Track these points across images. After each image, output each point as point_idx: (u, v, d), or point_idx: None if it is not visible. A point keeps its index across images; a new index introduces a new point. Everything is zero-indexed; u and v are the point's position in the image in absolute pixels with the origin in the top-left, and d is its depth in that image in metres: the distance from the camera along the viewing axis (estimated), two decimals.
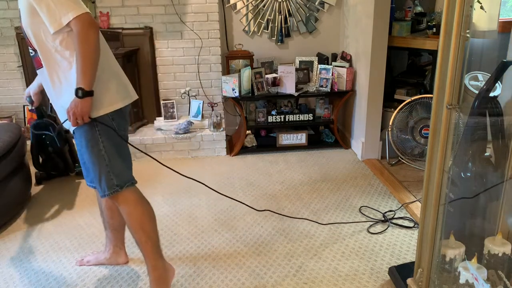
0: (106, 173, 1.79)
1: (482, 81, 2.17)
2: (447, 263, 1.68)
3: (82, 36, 1.62)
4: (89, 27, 1.63)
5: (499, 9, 1.53)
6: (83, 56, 1.63)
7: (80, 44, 1.62)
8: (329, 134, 3.94)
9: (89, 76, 1.65)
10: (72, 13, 1.60)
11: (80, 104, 1.65)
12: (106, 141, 1.77)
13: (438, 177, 1.58)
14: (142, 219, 1.89)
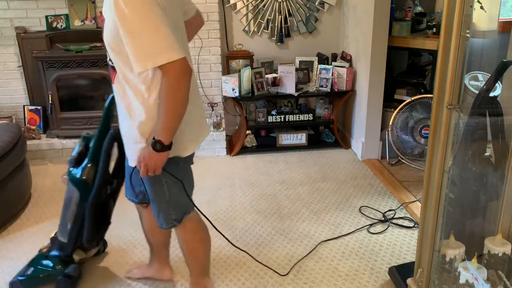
0: (165, 208, 1.71)
1: (482, 81, 2.17)
2: (447, 263, 1.68)
3: (172, 87, 1.40)
4: (182, 77, 1.40)
5: (499, 9, 1.53)
6: (169, 110, 1.44)
7: (168, 96, 1.41)
8: (329, 134, 3.94)
9: (171, 131, 1.48)
10: (166, 57, 1.35)
11: (155, 157, 1.50)
12: (169, 177, 1.64)
13: (438, 177, 1.58)
14: (197, 247, 1.87)
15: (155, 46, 1.34)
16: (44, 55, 3.49)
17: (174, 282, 2.13)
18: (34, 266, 2.09)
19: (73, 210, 2.01)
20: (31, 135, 3.60)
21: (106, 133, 1.91)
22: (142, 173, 1.54)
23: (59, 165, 3.58)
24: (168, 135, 1.47)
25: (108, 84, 3.61)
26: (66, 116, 3.64)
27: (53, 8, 3.61)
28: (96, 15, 3.63)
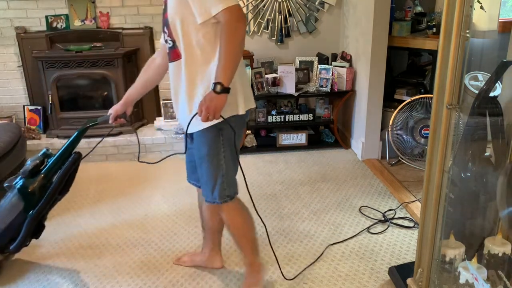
0: (221, 183, 1.78)
1: (482, 81, 2.17)
2: (447, 263, 1.68)
3: (230, 28, 1.55)
4: (238, 20, 1.56)
5: (499, 9, 1.53)
6: (227, 49, 1.57)
7: (227, 36, 1.56)
8: (329, 134, 3.94)
9: (230, 71, 1.58)
10: (222, 4, 1.54)
11: (216, 99, 1.57)
12: (227, 151, 1.74)
13: (438, 177, 1.58)
14: (243, 228, 1.94)
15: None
16: (44, 55, 3.49)
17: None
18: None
19: (10, 218, 1.97)
20: (31, 135, 3.60)
21: (69, 154, 1.97)
22: (203, 117, 1.60)
23: None
24: (227, 76, 1.57)
25: (107, 83, 3.61)
26: (66, 116, 3.64)
27: (53, 8, 3.61)
28: (96, 15, 3.63)
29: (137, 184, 3.21)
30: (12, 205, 1.97)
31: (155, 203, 2.91)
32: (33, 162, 1.96)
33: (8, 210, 1.97)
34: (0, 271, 2.19)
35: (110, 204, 2.92)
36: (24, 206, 1.96)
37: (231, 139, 1.73)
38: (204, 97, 1.61)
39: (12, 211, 1.97)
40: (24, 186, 1.95)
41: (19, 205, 1.96)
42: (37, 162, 1.97)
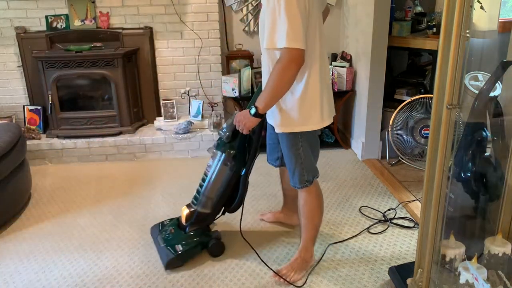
0: (300, 169, 1.98)
1: (482, 81, 2.17)
2: (447, 263, 1.68)
3: (283, 66, 1.69)
4: (292, 61, 1.68)
5: (499, 9, 1.53)
6: (274, 83, 1.74)
7: (278, 71, 1.71)
8: (329, 134, 3.94)
9: (269, 101, 1.79)
10: (287, 43, 1.64)
11: (249, 120, 1.84)
12: (304, 142, 1.94)
13: (438, 177, 1.58)
14: (315, 210, 2.10)
15: (284, 32, 1.64)
16: (44, 55, 3.49)
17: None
18: (184, 241, 2.25)
19: (227, 180, 2.21)
20: (31, 135, 3.60)
21: None
22: (237, 125, 1.92)
23: (59, 165, 3.58)
24: (265, 105, 1.79)
25: (107, 83, 3.61)
26: (66, 116, 3.64)
27: (53, 8, 3.61)
28: (96, 15, 3.63)
29: (137, 184, 3.21)
30: (220, 171, 2.20)
31: (155, 203, 2.91)
32: (230, 126, 2.12)
33: (223, 174, 2.20)
34: None
35: (110, 204, 2.92)
36: (236, 167, 2.18)
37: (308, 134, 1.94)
38: (241, 112, 1.89)
39: (227, 174, 2.20)
40: (232, 148, 2.16)
41: (228, 168, 2.18)
42: (231, 131, 2.14)
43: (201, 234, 2.31)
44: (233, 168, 2.18)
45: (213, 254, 2.30)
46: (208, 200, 2.28)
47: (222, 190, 2.25)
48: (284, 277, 2.08)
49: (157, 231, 2.42)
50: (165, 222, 2.47)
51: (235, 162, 2.18)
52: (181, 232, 2.32)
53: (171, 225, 2.40)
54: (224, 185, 2.23)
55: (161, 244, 2.30)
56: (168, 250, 2.23)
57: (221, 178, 2.22)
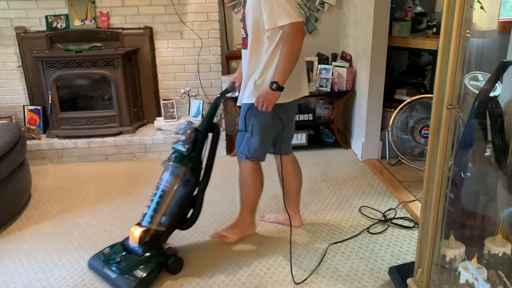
0: (245, 142, 2.23)
1: (482, 81, 2.17)
2: (447, 263, 1.68)
3: (291, 41, 1.94)
4: (298, 34, 1.95)
5: (499, 9, 1.53)
6: (286, 58, 1.96)
7: (288, 46, 1.94)
8: (329, 134, 3.94)
9: (285, 74, 1.99)
10: (289, 19, 1.91)
11: (271, 95, 2.00)
12: (256, 121, 2.16)
13: (438, 177, 1.58)
14: (247, 188, 2.34)
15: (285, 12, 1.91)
16: (44, 55, 3.49)
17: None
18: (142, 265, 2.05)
19: (180, 198, 2.14)
20: (31, 135, 3.60)
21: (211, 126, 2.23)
22: (259, 106, 2.03)
23: (59, 165, 3.58)
24: (282, 78, 1.99)
25: (107, 83, 3.61)
26: (66, 116, 3.64)
27: (53, 8, 3.61)
28: (96, 15, 3.63)
29: (137, 184, 3.21)
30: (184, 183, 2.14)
31: None
32: (189, 138, 2.13)
33: (181, 189, 2.13)
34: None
35: (110, 204, 2.92)
36: (194, 181, 2.16)
37: (265, 115, 2.12)
38: (262, 92, 2.02)
39: (185, 189, 2.14)
40: (191, 161, 2.14)
41: (190, 181, 2.15)
42: (191, 144, 2.13)
43: (158, 254, 2.12)
44: (191, 182, 2.14)
45: (174, 271, 2.16)
46: (163, 217, 2.13)
47: (179, 206, 2.14)
48: (219, 236, 2.39)
49: (100, 263, 2.12)
50: (106, 251, 2.18)
51: (193, 176, 2.14)
52: (134, 256, 2.07)
53: (116, 252, 2.13)
54: (181, 200, 2.14)
55: (114, 274, 2.03)
56: (126, 279, 1.99)
57: (179, 193, 2.13)
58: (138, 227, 2.12)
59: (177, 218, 2.18)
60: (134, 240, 2.09)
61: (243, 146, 2.24)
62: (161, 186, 2.15)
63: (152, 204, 2.14)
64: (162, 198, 2.13)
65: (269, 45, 2.05)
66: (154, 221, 2.12)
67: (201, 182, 2.21)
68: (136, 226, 2.13)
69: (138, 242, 2.08)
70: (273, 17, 1.94)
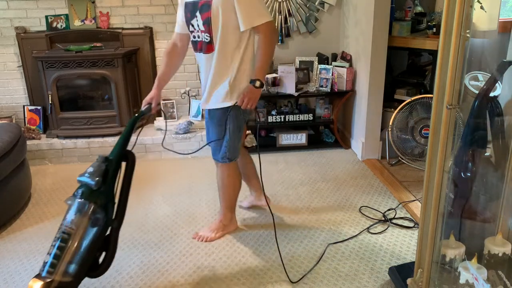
0: (224, 147, 2.26)
1: (482, 81, 2.17)
2: (447, 263, 1.68)
3: (269, 40, 2.06)
4: (273, 33, 2.08)
5: (499, 9, 1.53)
6: (265, 56, 2.07)
7: (265, 44, 2.05)
8: (329, 134, 3.94)
9: (265, 72, 2.11)
10: (264, 19, 2.02)
11: (256, 92, 2.11)
12: (231, 123, 2.20)
13: (438, 177, 1.58)
14: (229, 187, 2.42)
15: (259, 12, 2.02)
16: (44, 55, 3.49)
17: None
18: None
19: (91, 241, 1.79)
20: (31, 135, 3.60)
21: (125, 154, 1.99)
22: (244, 105, 2.11)
23: (59, 165, 3.58)
24: (263, 75, 2.10)
25: (107, 83, 3.61)
26: (66, 116, 3.64)
27: (53, 8, 3.61)
28: (96, 15, 3.63)
29: (137, 184, 3.20)
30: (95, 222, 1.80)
31: (155, 203, 2.91)
32: (98, 169, 1.84)
33: (91, 229, 1.79)
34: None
35: None
36: (106, 219, 1.83)
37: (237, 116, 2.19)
38: (246, 91, 2.11)
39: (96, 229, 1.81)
40: (102, 196, 1.82)
41: (102, 220, 1.82)
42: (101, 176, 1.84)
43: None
44: (102, 221, 1.81)
45: None
46: (69, 265, 1.75)
47: (88, 251, 1.78)
48: (202, 238, 2.45)
49: None
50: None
51: (105, 213, 1.82)
52: None
53: None
54: (91, 243, 1.79)
55: None
56: None
57: (88, 235, 1.78)
58: (37, 280, 1.71)
59: (87, 265, 1.80)
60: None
61: (223, 151, 2.27)
62: (63, 228, 1.77)
63: (53, 250, 1.74)
64: (66, 243, 1.74)
65: (239, 46, 2.09)
66: (57, 270, 1.73)
67: (114, 220, 1.88)
68: (35, 278, 1.72)
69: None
70: (248, 18, 2.02)
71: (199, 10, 2.07)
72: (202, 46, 2.14)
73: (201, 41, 2.13)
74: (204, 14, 2.05)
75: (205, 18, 2.06)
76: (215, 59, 2.11)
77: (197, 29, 2.13)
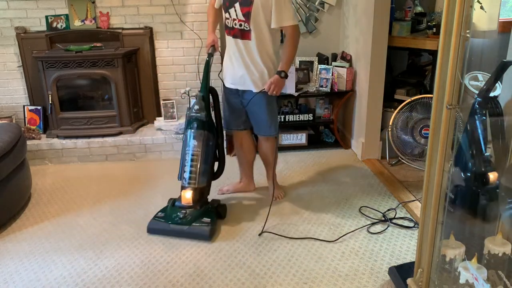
0: (275, 124, 2.72)
1: (482, 81, 2.17)
2: (447, 263, 1.68)
3: (294, 40, 2.47)
4: (298, 34, 2.50)
5: (499, 9, 1.53)
6: (290, 51, 2.48)
7: (291, 43, 2.47)
8: (329, 134, 3.94)
9: (290, 65, 2.53)
10: (292, 22, 2.43)
11: (281, 82, 2.51)
12: (275, 102, 2.69)
13: (438, 177, 1.58)
14: (273, 155, 2.84)
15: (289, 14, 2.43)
16: (44, 55, 3.49)
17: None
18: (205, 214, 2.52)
19: (210, 156, 2.59)
20: (31, 135, 3.60)
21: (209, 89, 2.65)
22: (270, 91, 2.51)
23: (59, 165, 3.58)
24: (288, 67, 2.52)
25: (107, 83, 3.61)
26: (66, 116, 3.64)
27: (53, 8, 3.61)
28: (96, 15, 3.63)
29: (137, 184, 3.21)
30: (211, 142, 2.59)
31: (155, 203, 2.91)
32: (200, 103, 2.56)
33: (210, 148, 2.58)
34: None
35: (110, 204, 2.92)
36: (216, 137, 2.65)
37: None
38: (274, 80, 2.49)
39: (212, 146, 2.60)
40: (211, 124, 2.60)
41: (215, 139, 2.63)
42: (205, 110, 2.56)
43: (210, 204, 2.62)
44: (213, 141, 2.61)
45: (223, 215, 2.65)
46: (203, 175, 2.55)
47: (210, 163, 2.61)
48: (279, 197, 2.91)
49: (161, 223, 2.51)
50: (160, 214, 2.58)
51: (213, 136, 2.60)
52: (194, 210, 2.50)
53: (174, 211, 2.52)
54: (210, 158, 2.59)
55: (185, 227, 2.43)
56: (199, 226, 2.44)
57: (209, 152, 2.57)
58: (187, 190, 2.53)
59: (211, 173, 2.65)
60: (187, 200, 2.52)
61: (273, 127, 2.71)
62: (190, 151, 2.53)
63: (188, 168, 2.53)
64: (196, 161, 2.52)
65: (270, 39, 2.51)
66: (196, 181, 2.52)
67: (218, 138, 2.69)
68: (185, 190, 2.54)
69: (193, 201, 2.51)
70: (280, 18, 2.41)
71: (239, 3, 2.42)
72: (238, 33, 2.50)
73: (237, 28, 2.49)
74: (244, 8, 2.41)
75: (246, 12, 2.42)
76: (256, 47, 2.48)
77: (233, 17, 2.47)
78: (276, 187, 2.92)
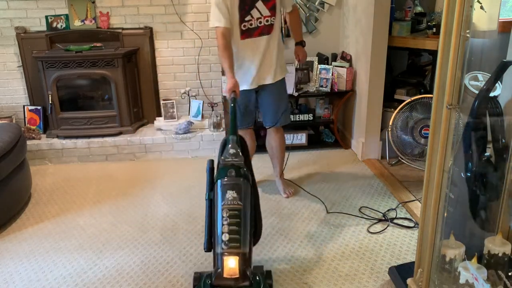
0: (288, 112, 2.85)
1: (482, 81, 2.16)
2: (447, 263, 1.68)
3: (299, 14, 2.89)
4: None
5: (499, 9, 1.53)
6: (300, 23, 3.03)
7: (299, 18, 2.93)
8: (329, 134, 3.94)
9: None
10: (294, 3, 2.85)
11: (304, 50, 2.90)
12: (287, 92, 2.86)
13: (438, 177, 1.58)
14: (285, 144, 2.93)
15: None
16: (44, 55, 3.49)
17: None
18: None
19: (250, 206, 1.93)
20: (31, 135, 3.60)
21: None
22: (302, 59, 2.89)
23: (59, 165, 3.58)
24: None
25: (107, 83, 3.61)
26: (66, 116, 3.64)
27: (53, 8, 3.61)
28: (96, 15, 3.63)
29: (137, 184, 3.21)
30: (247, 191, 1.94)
31: (155, 203, 2.91)
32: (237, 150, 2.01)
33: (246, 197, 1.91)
34: None
35: (110, 204, 2.92)
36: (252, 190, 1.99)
37: None
38: (299, 49, 2.86)
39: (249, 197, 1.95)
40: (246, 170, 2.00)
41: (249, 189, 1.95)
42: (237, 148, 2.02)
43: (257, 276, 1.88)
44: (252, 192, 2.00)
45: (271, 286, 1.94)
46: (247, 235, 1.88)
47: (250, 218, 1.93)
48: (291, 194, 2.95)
49: None
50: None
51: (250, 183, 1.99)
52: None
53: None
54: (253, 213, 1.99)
55: None
56: None
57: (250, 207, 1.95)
58: (229, 257, 1.80)
59: (251, 232, 1.92)
60: (233, 271, 1.79)
61: (287, 115, 2.81)
62: (227, 205, 1.86)
63: (226, 228, 1.82)
64: (235, 218, 1.84)
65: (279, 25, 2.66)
66: (240, 243, 1.81)
67: (253, 187, 2.04)
68: (227, 256, 1.80)
69: (239, 272, 1.78)
70: (290, 1, 2.73)
71: (261, 1, 2.51)
72: (264, 29, 2.56)
73: (262, 25, 2.55)
74: (268, 3, 2.53)
75: (271, 5, 2.54)
76: (276, 39, 2.61)
77: (257, 16, 2.53)
78: (286, 184, 3.02)
